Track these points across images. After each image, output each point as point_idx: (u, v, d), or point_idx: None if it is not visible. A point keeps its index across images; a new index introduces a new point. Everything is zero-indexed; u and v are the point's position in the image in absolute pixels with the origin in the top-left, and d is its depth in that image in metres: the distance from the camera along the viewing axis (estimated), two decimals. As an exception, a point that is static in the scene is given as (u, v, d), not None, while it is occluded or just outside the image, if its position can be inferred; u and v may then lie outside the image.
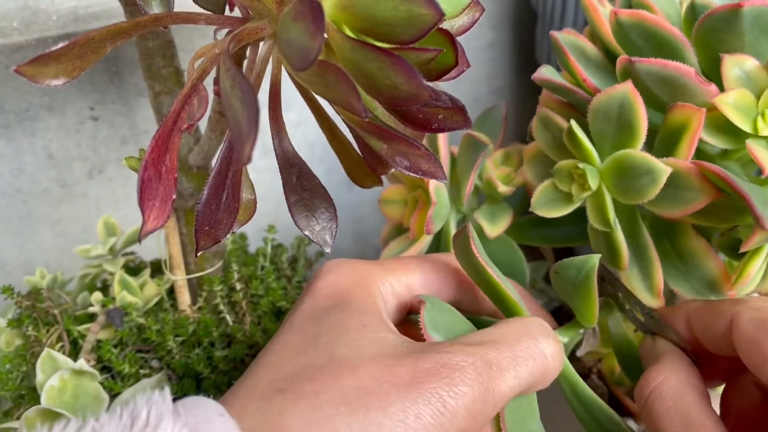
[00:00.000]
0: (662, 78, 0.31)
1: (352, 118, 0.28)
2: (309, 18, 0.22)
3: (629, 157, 0.31)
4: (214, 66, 0.29)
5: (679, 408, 0.28)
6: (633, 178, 0.31)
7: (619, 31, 0.33)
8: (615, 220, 0.32)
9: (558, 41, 0.35)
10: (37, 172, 0.57)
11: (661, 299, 0.33)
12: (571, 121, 0.32)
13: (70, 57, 0.25)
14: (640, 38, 0.32)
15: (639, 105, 0.31)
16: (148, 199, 0.25)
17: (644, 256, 0.34)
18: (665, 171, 0.30)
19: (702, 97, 0.31)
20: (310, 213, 0.33)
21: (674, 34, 0.32)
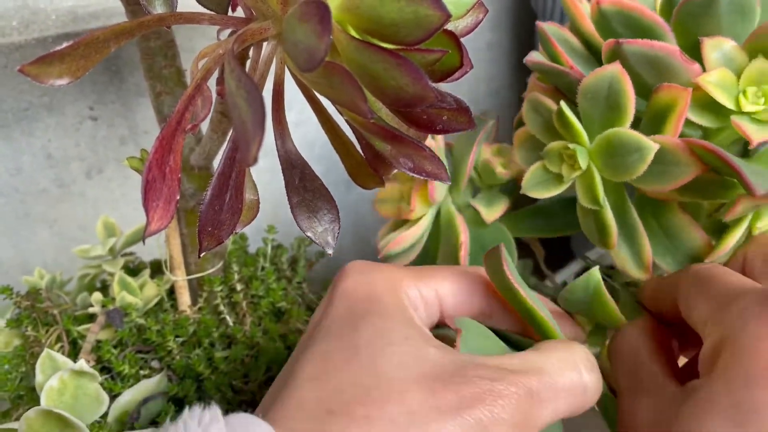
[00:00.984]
0: (648, 58, 0.32)
1: (356, 119, 0.28)
2: (315, 19, 0.22)
3: (618, 135, 0.32)
4: (217, 66, 0.29)
5: (629, 362, 0.30)
6: (622, 155, 0.32)
7: (601, 20, 0.34)
8: (604, 198, 0.33)
9: (545, 32, 0.36)
10: (35, 171, 0.57)
11: (650, 272, 0.34)
12: (561, 103, 0.33)
13: (74, 57, 0.24)
14: (622, 26, 0.33)
15: (627, 84, 0.32)
16: (152, 200, 0.25)
17: (632, 233, 0.35)
18: (653, 147, 0.31)
19: (686, 77, 0.33)
20: (312, 214, 0.33)
21: (655, 21, 0.33)
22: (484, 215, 0.39)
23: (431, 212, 0.40)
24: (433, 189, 0.38)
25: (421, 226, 0.39)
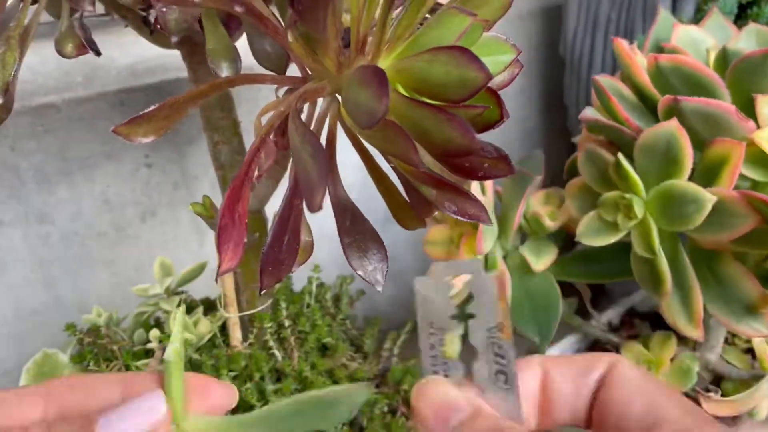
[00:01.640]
0: (704, 115, 0.34)
1: (406, 168, 0.31)
2: (375, 83, 0.25)
3: (676, 186, 0.34)
4: (278, 121, 0.32)
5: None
6: (679, 206, 0.33)
7: (657, 74, 0.36)
8: (659, 247, 0.35)
9: (600, 85, 0.38)
10: (95, 216, 0.61)
11: (701, 330, 0.35)
12: (618, 155, 0.35)
13: (159, 118, 0.28)
14: (678, 81, 0.35)
15: (685, 140, 0.34)
16: (224, 243, 0.28)
17: (685, 284, 0.36)
18: (711, 199, 0.33)
19: (741, 133, 0.34)
20: (362, 254, 0.36)
21: (711, 77, 0.35)
22: (533, 265, 0.41)
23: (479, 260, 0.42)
24: (481, 240, 0.40)
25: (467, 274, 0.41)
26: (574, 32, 0.65)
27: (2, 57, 0.34)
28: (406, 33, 0.30)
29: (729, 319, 0.37)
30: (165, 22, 0.31)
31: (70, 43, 0.34)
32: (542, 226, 0.42)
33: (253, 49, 0.37)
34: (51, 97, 0.56)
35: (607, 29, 0.61)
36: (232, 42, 0.37)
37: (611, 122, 0.37)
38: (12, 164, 0.55)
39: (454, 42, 0.28)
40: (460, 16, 0.28)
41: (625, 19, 0.59)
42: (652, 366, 0.44)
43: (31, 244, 0.59)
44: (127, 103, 0.58)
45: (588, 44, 0.64)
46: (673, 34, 0.42)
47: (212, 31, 0.35)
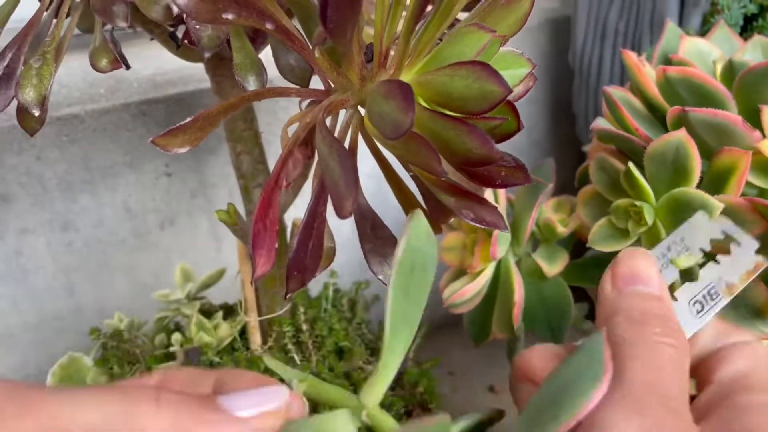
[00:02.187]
0: (712, 125, 0.35)
1: (427, 177, 0.32)
2: (400, 96, 0.26)
3: (685, 194, 0.35)
4: (305, 132, 0.34)
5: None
6: (688, 213, 0.35)
7: (666, 86, 0.37)
8: None
9: (611, 96, 0.39)
10: (116, 223, 0.62)
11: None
12: (629, 164, 0.36)
13: (194, 129, 0.29)
14: (687, 92, 0.37)
15: (694, 149, 0.35)
16: (258, 248, 0.29)
17: None
18: (719, 206, 0.34)
19: (747, 142, 0.36)
20: (383, 259, 0.37)
21: (718, 88, 0.37)
22: (546, 270, 0.42)
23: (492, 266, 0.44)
24: (495, 246, 0.41)
25: (482, 279, 0.43)
26: (583, 43, 0.67)
27: (39, 71, 0.36)
28: (426, 48, 0.31)
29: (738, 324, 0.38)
30: (198, 38, 0.33)
31: (104, 58, 0.36)
32: (554, 232, 0.43)
33: (279, 63, 0.38)
34: (75, 108, 0.57)
35: (615, 40, 0.62)
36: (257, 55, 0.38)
37: (622, 132, 0.38)
38: (37, 173, 0.57)
39: (474, 57, 0.29)
40: (479, 33, 0.29)
41: (633, 31, 0.60)
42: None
43: (54, 251, 0.61)
44: (148, 114, 0.59)
45: (597, 54, 0.65)
46: (681, 46, 0.44)
47: (239, 46, 0.36)
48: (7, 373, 0.63)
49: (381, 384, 0.26)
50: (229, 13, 0.29)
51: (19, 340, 0.63)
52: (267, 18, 0.30)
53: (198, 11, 0.27)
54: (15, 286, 0.60)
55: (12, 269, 0.59)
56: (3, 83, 0.36)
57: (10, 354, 0.63)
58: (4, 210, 0.57)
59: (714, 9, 0.54)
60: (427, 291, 0.29)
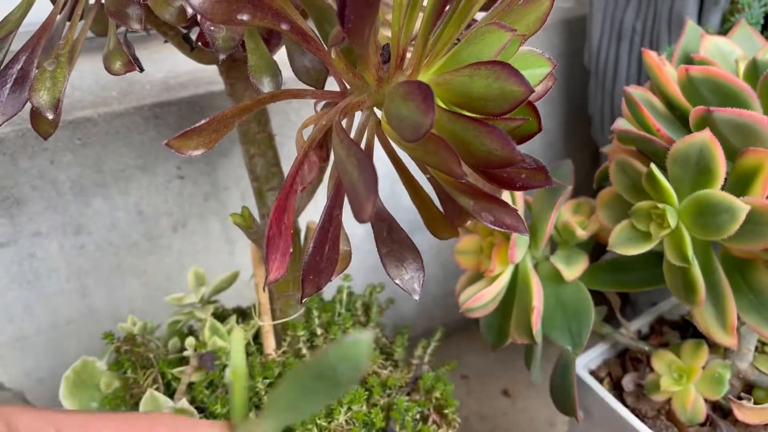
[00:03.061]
0: (737, 125, 0.34)
1: (446, 179, 0.32)
2: (419, 98, 0.26)
3: (709, 196, 0.34)
4: (320, 134, 0.33)
5: None
6: (712, 215, 0.34)
7: (689, 86, 0.36)
8: (693, 255, 0.35)
9: (632, 96, 0.39)
10: (128, 226, 0.62)
11: (735, 337, 0.36)
12: (651, 165, 0.36)
13: (209, 131, 0.29)
14: (710, 92, 0.36)
15: (718, 150, 0.34)
16: (272, 253, 0.29)
17: (718, 292, 0.36)
18: (745, 208, 0.33)
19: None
20: (399, 263, 0.36)
21: (742, 88, 0.36)
22: (565, 274, 0.42)
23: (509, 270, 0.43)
24: (513, 250, 0.41)
25: (499, 283, 0.42)
26: (599, 42, 0.66)
27: (53, 74, 0.36)
28: (444, 48, 0.31)
29: (761, 327, 0.37)
30: (213, 40, 0.33)
31: (119, 61, 0.36)
32: (573, 235, 0.43)
33: (293, 64, 0.38)
34: (88, 112, 0.57)
35: (632, 39, 0.62)
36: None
37: (643, 133, 0.37)
38: (51, 177, 0.57)
39: (493, 57, 0.29)
40: (499, 32, 0.29)
41: (650, 30, 0.59)
42: (684, 374, 0.44)
43: (67, 255, 0.60)
44: (161, 117, 0.59)
45: (613, 54, 0.64)
46: (702, 46, 0.43)
47: (253, 48, 0.36)
48: (20, 377, 0.63)
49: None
50: (244, 14, 0.28)
51: (33, 343, 0.62)
52: (282, 19, 0.30)
53: (213, 12, 0.27)
54: (28, 289, 0.60)
55: (25, 272, 0.59)
56: (17, 86, 0.36)
57: (23, 358, 0.63)
58: (18, 213, 0.57)
59: (734, 7, 0.53)
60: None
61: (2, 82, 0.37)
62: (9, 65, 0.37)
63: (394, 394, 0.48)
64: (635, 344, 0.48)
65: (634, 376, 0.48)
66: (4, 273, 0.58)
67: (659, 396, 0.45)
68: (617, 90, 0.65)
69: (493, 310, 0.44)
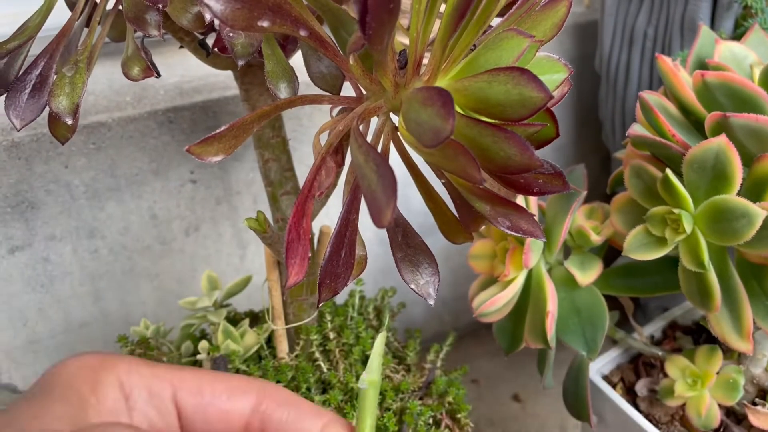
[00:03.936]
0: (753, 130, 0.34)
1: (463, 184, 0.32)
2: (439, 103, 0.26)
3: (726, 201, 0.34)
4: (337, 140, 0.33)
5: None
6: (729, 220, 0.34)
7: (704, 91, 0.36)
8: (709, 261, 0.35)
9: (647, 102, 0.39)
10: (141, 230, 0.62)
11: (751, 343, 0.36)
12: (666, 170, 0.36)
13: (228, 137, 0.29)
14: (725, 97, 0.36)
15: (735, 155, 0.34)
16: (291, 257, 0.29)
17: (734, 297, 0.36)
18: (762, 213, 0.33)
19: None
20: (415, 268, 0.36)
21: (758, 93, 0.36)
22: (579, 279, 0.42)
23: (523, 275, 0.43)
24: (528, 254, 0.41)
25: (513, 288, 0.42)
26: (611, 47, 0.66)
27: (72, 80, 0.36)
28: (461, 54, 0.31)
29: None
30: (232, 46, 0.33)
31: (137, 66, 0.36)
32: (587, 240, 0.43)
33: (310, 70, 0.38)
34: (102, 116, 0.58)
35: (644, 45, 0.62)
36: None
37: (659, 138, 0.37)
38: (65, 181, 0.57)
39: (512, 63, 0.29)
40: (517, 38, 0.29)
41: (663, 35, 0.59)
42: (699, 379, 0.44)
43: (80, 258, 0.61)
44: (174, 122, 0.59)
45: (624, 59, 0.64)
46: (716, 51, 0.43)
47: (270, 54, 0.36)
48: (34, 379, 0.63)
49: None
50: (264, 20, 0.28)
51: (46, 346, 0.63)
52: (301, 25, 0.30)
53: (234, 19, 0.27)
54: (42, 293, 0.61)
55: (39, 276, 0.60)
56: (36, 92, 0.36)
57: (37, 361, 0.63)
58: (32, 217, 0.57)
59: (747, 12, 0.53)
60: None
61: (21, 88, 0.37)
62: (28, 71, 0.38)
63: (406, 399, 0.48)
64: (648, 349, 0.48)
65: (648, 382, 0.48)
66: (18, 276, 0.59)
67: (673, 401, 0.45)
68: (628, 95, 0.65)
69: (506, 314, 0.44)
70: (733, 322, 0.37)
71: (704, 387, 0.44)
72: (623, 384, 0.50)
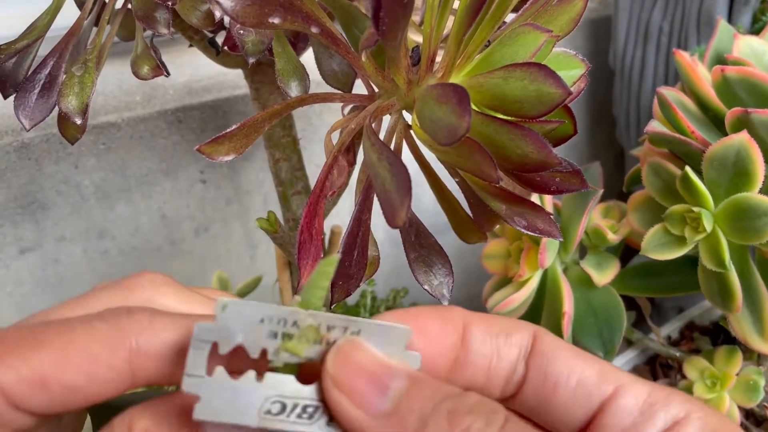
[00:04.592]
0: None
1: (478, 183, 0.31)
2: (454, 100, 0.25)
3: (747, 199, 0.33)
4: (349, 138, 0.33)
5: None
6: (751, 219, 0.33)
7: (724, 86, 0.36)
8: (730, 260, 0.34)
9: (665, 98, 0.38)
10: (151, 231, 0.62)
11: None
12: (686, 168, 0.35)
13: (239, 136, 0.29)
14: (746, 92, 0.35)
15: (756, 152, 0.33)
16: (304, 258, 0.29)
17: (755, 297, 0.35)
18: None
19: None
20: (428, 269, 0.36)
21: None
22: (596, 279, 0.41)
23: (538, 275, 0.42)
24: (544, 254, 0.40)
25: (528, 288, 0.42)
26: (625, 43, 0.65)
27: (81, 79, 0.36)
28: (476, 50, 0.30)
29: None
30: (242, 44, 0.32)
31: (146, 65, 0.35)
32: (604, 239, 0.42)
33: (321, 68, 0.37)
34: (112, 116, 0.57)
35: (659, 40, 0.61)
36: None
37: (678, 135, 0.37)
38: (75, 181, 0.57)
39: (529, 58, 0.28)
40: (534, 33, 0.28)
41: (679, 30, 0.58)
42: (718, 381, 0.43)
43: (91, 259, 0.61)
44: (184, 121, 0.59)
45: (639, 55, 0.63)
46: (735, 45, 0.42)
47: (280, 51, 0.36)
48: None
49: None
50: (276, 17, 0.28)
51: (57, 347, 0.63)
52: (313, 22, 0.29)
53: (245, 15, 0.27)
54: (52, 293, 0.60)
55: (49, 277, 0.59)
56: (45, 92, 0.36)
57: (47, 362, 0.63)
58: (43, 218, 0.57)
59: (765, 6, 0.52)
60: None
61: (30, 88, 0.37)
62: (37, 70, 0.37)
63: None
64: (666, 350, 0.47)
65: (665, 383, 0.47)
66: (29, 277, 0.59)
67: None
68: (643, 91, 0.64)
69: (521, 315, 0.43)
70: (754, 322, 0.36)
71: (724, 389, 0.43)
72: (640, 385, 0.49)
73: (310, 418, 0.20)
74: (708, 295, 0.37)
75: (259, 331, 0.19)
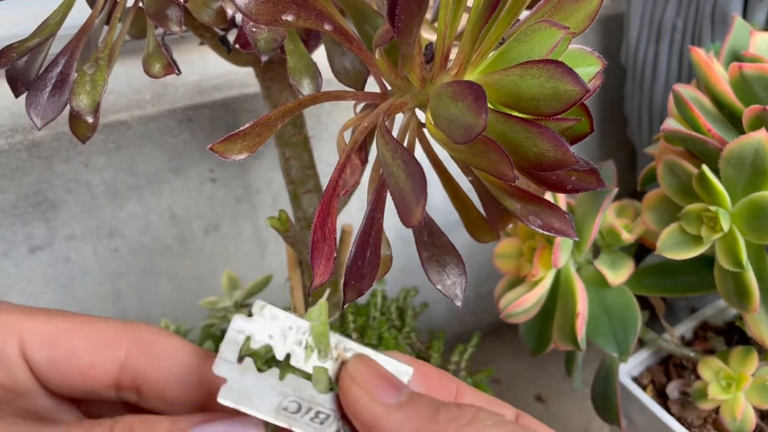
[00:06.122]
0: None
1: (493, 182, 0.31)
2: (471, 98, 0.25)
3: (765, 198, 0.33)
4: (362, 136, 0.32)
5: None
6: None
7: (741, 84, 0.35)
8: (747, 260, 0.34)
9: (681, 96, 0.37)
10: (161, 229, 0.62)
11: None
12: (703, 167, 0.34)
13: (252, 135, 0.28)
14: (764, 89, 0.35)
15: None
16: (317, 258, 0.28)
17: None
18: None
19: None
20: (441, 268, 0.36)
21: None
22: (610, 279, 0.40)
23: (552, 275, 0.42)
24: (558, 254, 0.40)
25: (541, 288, 0.41)
26: (637, 41, 0.64)
27: (92, 78, 0.36)
28: (491, 48, 0.30)
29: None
30: (255, 41, 0.32)
31: (158, 63, 0.35)
32: (618, 238, 0.41)
33: (333, 65, 0.37)
34: (122, 115, 0.57)
35: (672, 37, 0.60)
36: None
37: (694, 133, 0.36)
38: (85, 180, 0.57)
39: (545, 55, 0.28)
40: (550, 30, 0.28)
41: (692, 27, 0.58)
42: (733, 382, 0.43)
43: (100, 258, 0.61)
44: (194, 120, 0.59)
45: (652, 52, 0.63)
46: (751, 42, 0.41)
47: (292, 49, 0.36)
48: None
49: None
50: (289, 14, 0.28)
51: (67, 346, 0.63)
52: (326, 19, 0.29)
53: (258, 12, 0.26)
54: (62, 292, 0.60)
55: (59, 275, 0.60)
56: (56, 90, 0.36)
57: (58, 360, 0.63)
58: (53, 217, 0.57)
59: (780, 2, 0.51)
60: None
61: (42, 86, 0.37)
62: (48, 69, 0.37)
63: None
64: (680, 350, 0.47)
65: (679, 384, 0.47)
66: (39, 276, 0.59)
67: (706, 404, 0.43)
68: (656, 89, 0.63)
69: (534, 315, 0.43)
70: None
71: (739, 389, 0.43)
72: (653, 386, 0.49)
73: (321, 423, 0.22)
74: (724, 294, 0.37)
75: (287, 336, 0.23)
